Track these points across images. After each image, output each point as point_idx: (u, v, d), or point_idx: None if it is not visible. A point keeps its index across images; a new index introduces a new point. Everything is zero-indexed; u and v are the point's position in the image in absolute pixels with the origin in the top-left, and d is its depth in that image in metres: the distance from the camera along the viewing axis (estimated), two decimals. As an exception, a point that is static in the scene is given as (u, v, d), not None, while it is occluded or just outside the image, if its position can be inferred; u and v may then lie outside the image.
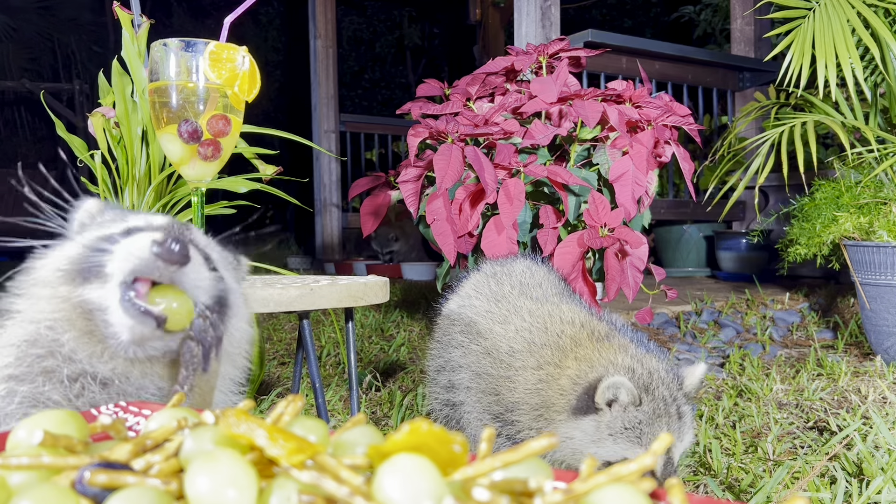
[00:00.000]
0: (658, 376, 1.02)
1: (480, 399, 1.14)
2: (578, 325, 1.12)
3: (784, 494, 1.15)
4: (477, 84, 2.11)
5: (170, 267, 0.68)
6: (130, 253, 0.69)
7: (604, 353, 1.06)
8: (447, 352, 1.23)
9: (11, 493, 0.40)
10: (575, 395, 1.02)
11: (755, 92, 4.02)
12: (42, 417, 0.47)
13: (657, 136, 1.86)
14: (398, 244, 5.66)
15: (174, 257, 0.67)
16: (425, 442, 0.39)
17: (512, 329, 1.14)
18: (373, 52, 10.17)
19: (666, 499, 0.40)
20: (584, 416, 1.00)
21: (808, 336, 2.59)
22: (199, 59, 1.17)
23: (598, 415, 0.99)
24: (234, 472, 0.38)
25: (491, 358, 1.14)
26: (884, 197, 2.15)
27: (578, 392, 1.02)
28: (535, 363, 1.08)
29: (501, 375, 1.11)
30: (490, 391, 1.12)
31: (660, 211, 4.02)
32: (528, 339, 1.11)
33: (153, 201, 1.60)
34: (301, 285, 1.18)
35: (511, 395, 1.09)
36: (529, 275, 1.26)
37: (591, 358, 1.06)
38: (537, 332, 1.12)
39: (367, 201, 2.21)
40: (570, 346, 1.09)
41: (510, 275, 1.25)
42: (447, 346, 1.23)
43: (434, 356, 1.28)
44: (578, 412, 1.01)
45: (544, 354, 1.09)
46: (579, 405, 1.01)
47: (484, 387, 1.13)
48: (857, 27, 2.31)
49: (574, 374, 1.05)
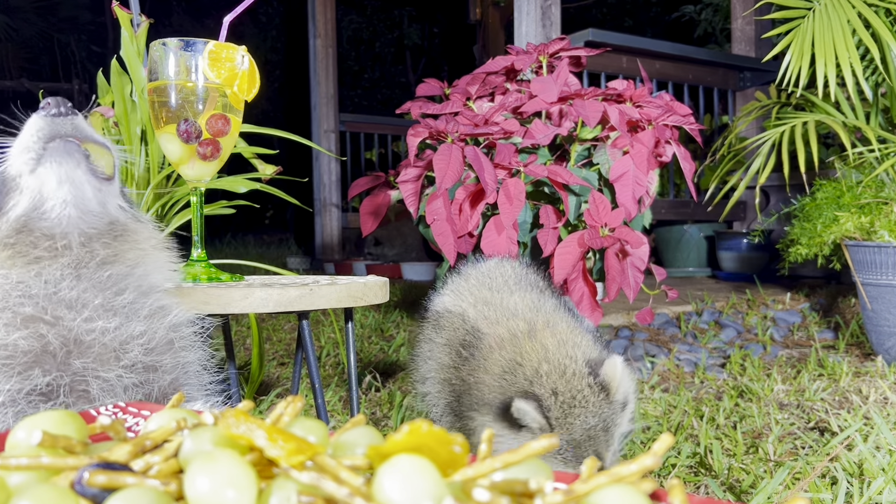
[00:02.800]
0: (583, 396, 0.95)
1: (440, 391, 1.14)
2: (520, 316, 1.08)
3: (785, 495, 1.15)
4: (477, 84, 2.11)
5: (64, 119, 0.77)
6: (26, 131, 0.78)
7: (536, 353, 1.01)
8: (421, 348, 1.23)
9: (11, 494, 0.40)
10: (496, 394, 1.00)
11: (756, 91, 4.01)
12: (41, 418, 0.47)
13: (658, 135, 1.85)
14: (381, 247, 5.71)
15: (61, 109, 0.77)
16: (425, 442, 0.39)
17: (470, 319, 1.12)
18: (373, 51, 10.17)
19: (666, 499, 0.40)
20: (507, 428, 0.97)
21: (809, 336, 2.59)
22: (199, 59, 1.17)
23: (517, 433, 0.96)
24: (233, 473, 0.38)
25: (448, 348, 1.13)
26: (885, 197, 2.14)
27: (498, 397, 0.99)
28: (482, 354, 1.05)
29: (453, 365, 1.10)
30: (446, 382, 1.12)
31: (660, 211, 4.02)
32: (478, 330, 1.09)
33: (152, 201, 1.60)
34: (301, 285, 1.18)
35: (460, 387, 1.08)
36: (497, 269, 1.25)
37: (525, 351, 1.01)
38: (486, 322, 1.10)
39: (367, 201, 2.20)
40: (506, 338, 1.05)
41: (479, 271, 1.25)
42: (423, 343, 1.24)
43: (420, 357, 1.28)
44: (502, 420, 0.97)
45: (486, 345, 1.06)
46: (502, 414, 0.97)
47: (442, 378, 1.13)
48: (857, 27, 2.31)
49: (500, 371, 1.01)
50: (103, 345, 0.75)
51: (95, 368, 0.75)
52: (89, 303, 0.75)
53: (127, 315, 0.77)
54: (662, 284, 1.91)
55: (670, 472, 1.28)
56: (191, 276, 1.24)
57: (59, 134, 0.75)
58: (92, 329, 0.75)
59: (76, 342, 0.74)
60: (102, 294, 0.76)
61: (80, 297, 0.75)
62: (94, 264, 0.77)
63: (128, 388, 0.76)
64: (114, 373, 0.75)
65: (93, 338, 0.75)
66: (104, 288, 0.77)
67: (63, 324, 0.74)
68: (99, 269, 0.77)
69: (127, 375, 0.76)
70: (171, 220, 1.61)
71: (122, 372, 0.76)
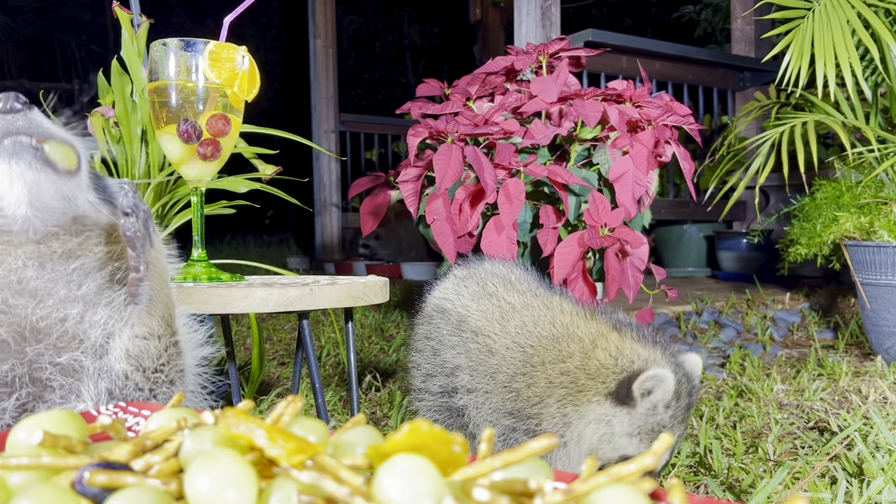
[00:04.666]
0: (687, 381, 1.02)
1: (488, 399, 1.14)
2: (589, 317, 1.12)
3: (785, 495, 1.15)
4: (477, 84, 2.11)
5: (15, 116, 0.74)
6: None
7: (627, 345, 1.05)
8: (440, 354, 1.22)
9: (11, 494, 0.40)
10: (605, 380, 1.02)
11: (755, 92, 4.02)
12: (42, 417, 0.47)
13: (658, 135, 1.85)
14: (376, 244, 5.73)
15: (13, 105, 0.74)
16: (425, 442, 0.39)
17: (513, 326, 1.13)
18: (373, 51, 10.17)
19: (666, 499, 0.40)
20: (619, 406, 1.00)
21: (809, 336, 2.59)
22: (199, 59, 1.17)
23: (631, 409, 0.99)
24: (233, 473, 0.38)
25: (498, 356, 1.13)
26: (884, 197, 2.14)
27: (614, 377, 1.02)
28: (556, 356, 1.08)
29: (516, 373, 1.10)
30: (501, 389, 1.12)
31: (660, 211, 4.02)
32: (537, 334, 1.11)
33: (152, 201, 1.60)
34: (301, 285, 1.18)
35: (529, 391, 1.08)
36: (507, 271, 1.25)
37: (617, 348, 1.05)
38: (546, 325, 1.11)
39: (367, 201, 2.20)
40: (593, 336, 1.08)
41: (490, 273, 1.25)
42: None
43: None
44: (614, 398, 1.00)
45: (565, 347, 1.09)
46: (618, 391, 1.00)
47: (492, 386, 1.12)
48: (856, 27, 2.31)
49: (602, 362, 1.05)
50: (64, 331, 0.75)
51: (52, 356, 0.75)
52: (54, 293, 0.76)
53: (91, 303, 0.77)
54: (662, 284, 1.91)
55: (670, 472, 1.28)
56: (191, 275, 1.24)
57: (11, 132, 0.73)
58: (46, 316, 0.75)
59: (32, 330, 0.74)
60: (67, 286, 0.76)
61: (44, 287, 0.75)
62: (57, 257, 0.77)
63: (93, 376, 0.76)
64: (67, 356, 0.75)
65: (48, 324, 0.75)
66: (69, 280, 0.77)
67: (16, 312, 0.74)
68: (63, 261, 0.77)
69: (89, 362, 0.76)
70: (171, 220, 1.61)
71: (81, 357, 0.76)
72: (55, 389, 0.75)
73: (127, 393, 0.78)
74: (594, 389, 1.03)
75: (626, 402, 0.99)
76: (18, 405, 0.74)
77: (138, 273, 0.77)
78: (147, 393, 0.79)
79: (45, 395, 0.75)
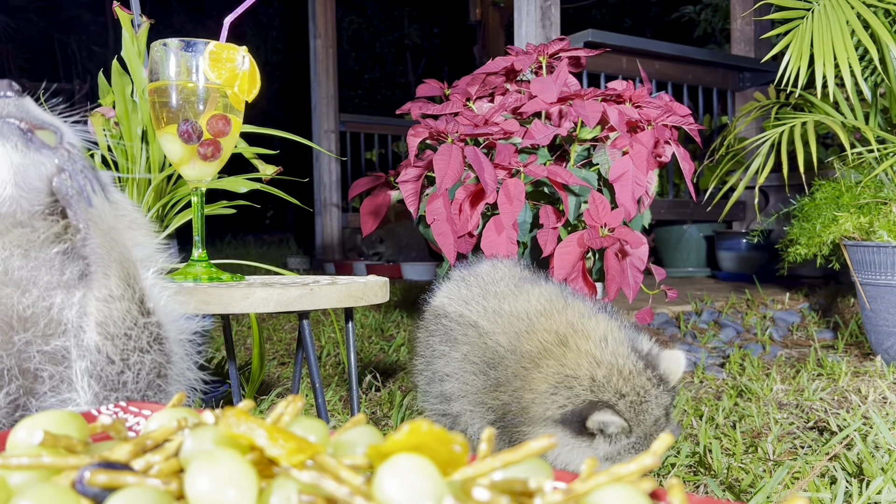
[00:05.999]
0: (645, 391, 0.97)
1: (473, 411, 1.11)
2: (551, 314, 1.06)
3: (784, 494, 1.16)
4: (477, 84, 2.11)
5: (6, 101, 0.76)
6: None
7: (583, 361, 0.99)
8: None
9: (11, 493, 0.40)
10: (550, 403, 0.98)
11: (755, 92, 4.02)
12: (42, 417, 0.47)
13: (657, 135, 1.86)
14: (383, 245, 5.71)
15: (3, 91, 0.76)
16: (425, 442, 0.39)
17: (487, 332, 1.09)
18: (373, 52, 10.18)
19: (666, 499, 0.40)
20: (574, 436, 0.96)
21: (809, 336, 2.59)
22: (199, 59, 1.17)
23: (590, 441, 0.95)
24: (233, 472, 0.38)
25: (471, 365, 1.10)
26: (884, 197, 2.15)
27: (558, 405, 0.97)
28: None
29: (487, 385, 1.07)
30: (481, 404, 1.09)
31: (660, 211, 4.02)
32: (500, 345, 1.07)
33: (153, 201, 1.60)
34: (301, 285, 1.18)
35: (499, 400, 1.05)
36: (492, 271, 1.22)
37: (569, 361, 0.99)
38: (506, 337, 1.07)
39: (367, 201, 2.21)
40: (553, 343, 1.02)
41: (476, 276, 1.22)
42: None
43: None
44: (565, 427, 0.96)
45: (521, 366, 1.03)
46: (567, 422, 0.96)
47: (477, 401, 1.10)
48: (855, 28, 2.31)
49: (552, 378, 0.99)
50: (50, 319, 0.75)
51: (40, 344, 0.74)
52: (39, 281, 0.75)
53: (72, 287, 0.77)
54: (662, 284, 1.91)
55: (670, 472, 1.28)
56: (192, 275, 1.24)
57: (0, 115, 0.75)
58: (32, 304, 0.74)
59: (19, 319, 0.74)
60: (50, 272, 0.76)
61: (29, 276, 0.75)
62: (41, 242, 0.77)
63: (77, 361, 0.76)
64: (53, 343, 0.75)
65: (34, 312, 0.74)
66: (52, 266, 0.77)
67: (2, 302, 0.74)
68: (47, 246, 0.77)
69: (73, 345, 0.75)
70: (171, 220, 1.61)
71: (67, 342, 0.75)
72: (45, 380, 0.74)
73: (101, 368, 0.76)
74: (535, 414, 0.98)
75: (579, 434, 0.96)
76: (10, 401, 0.73)
77: (80, 232, 0.77)
78: (120, 365, 0.77)
79: (36, 387, 0.74)
